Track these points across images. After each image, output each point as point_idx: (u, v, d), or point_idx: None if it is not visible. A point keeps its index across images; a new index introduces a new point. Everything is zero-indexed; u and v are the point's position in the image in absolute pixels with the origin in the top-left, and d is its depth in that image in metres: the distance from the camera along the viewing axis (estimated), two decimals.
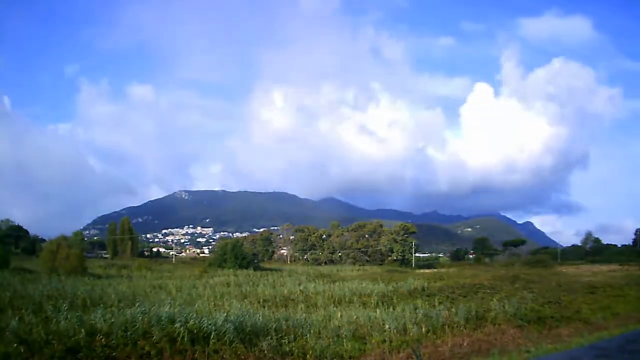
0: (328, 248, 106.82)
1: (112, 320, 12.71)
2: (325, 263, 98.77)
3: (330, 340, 13.88)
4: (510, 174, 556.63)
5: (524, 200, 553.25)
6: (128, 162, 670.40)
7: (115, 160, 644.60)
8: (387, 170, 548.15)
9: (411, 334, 15.16)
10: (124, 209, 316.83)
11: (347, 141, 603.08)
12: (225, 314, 14.53)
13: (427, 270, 68.34)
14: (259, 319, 14.54)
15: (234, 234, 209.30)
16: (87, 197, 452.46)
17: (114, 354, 11.19)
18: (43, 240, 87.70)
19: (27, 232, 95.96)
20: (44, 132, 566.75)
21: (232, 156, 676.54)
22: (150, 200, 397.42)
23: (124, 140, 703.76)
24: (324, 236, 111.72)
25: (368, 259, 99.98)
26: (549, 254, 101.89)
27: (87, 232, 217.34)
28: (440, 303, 20.77)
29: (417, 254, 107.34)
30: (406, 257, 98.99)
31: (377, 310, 18.78)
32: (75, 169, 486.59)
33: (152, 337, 11.96)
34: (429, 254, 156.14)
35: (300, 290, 28.54)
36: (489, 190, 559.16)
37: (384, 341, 14.23)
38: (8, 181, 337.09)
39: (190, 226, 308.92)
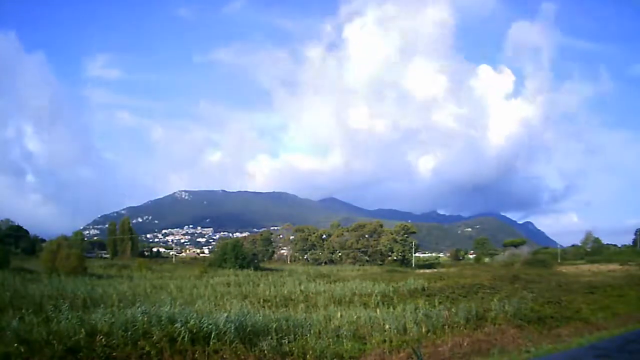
0: (328, 248, 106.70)
1: (113, 320, 12.66)
2: (325, 263, 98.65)
3: (331, 340, 13.87)
4: (510, 173, 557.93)
5: (524, 200, 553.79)
6: (128, 161, 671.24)
7: (115, 159, 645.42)
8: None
9: (411, 334, 15.16)
10: (124, 209, 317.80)
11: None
12: (226, 314, 14.51)
13: (427, 270, 68.19)
14: (259, 319, 14.52)
15: (234, 234, 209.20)
16: (87, 196, 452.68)
17: (114, 354, 11.17)
18: (43, 240, 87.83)
19: (27, 232, 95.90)
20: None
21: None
22: (150, 200, 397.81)
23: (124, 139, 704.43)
24: (324, 236, 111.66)
25: (368, 259, 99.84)
26: (549, 254, 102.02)
27: (87, 232, 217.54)
28: (440, 303, 20.76)
29: (417, 254, 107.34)
30: (406, 257, 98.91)
31: (378, 310, 18.75)
32: (76, 167, 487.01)
33: (153, 337, 11.93)
34: (429, 254, 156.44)
35: (300, 290, 28.47)
36: (489, 190, 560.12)
37: (384, 341, 14.24)
38: (7, 180, 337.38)
39: (190, 226, 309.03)
